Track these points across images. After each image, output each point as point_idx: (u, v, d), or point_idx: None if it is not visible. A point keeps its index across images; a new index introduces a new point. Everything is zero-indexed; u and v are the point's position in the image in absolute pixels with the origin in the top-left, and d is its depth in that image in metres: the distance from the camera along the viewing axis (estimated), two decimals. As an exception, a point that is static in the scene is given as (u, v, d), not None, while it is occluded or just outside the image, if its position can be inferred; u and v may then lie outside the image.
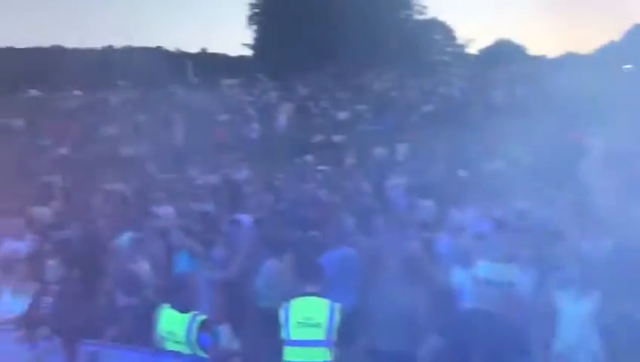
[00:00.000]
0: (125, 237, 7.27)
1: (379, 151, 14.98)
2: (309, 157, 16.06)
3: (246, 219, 8.26)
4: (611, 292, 4.74)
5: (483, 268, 4.54)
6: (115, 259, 6.85)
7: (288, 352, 4.54)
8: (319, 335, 4.42)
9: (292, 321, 4.51)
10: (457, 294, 5.48)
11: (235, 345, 5.46)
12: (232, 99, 25.84)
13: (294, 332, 4.50)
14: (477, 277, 4.56)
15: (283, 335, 4.59)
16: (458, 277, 5.64)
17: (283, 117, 20.34)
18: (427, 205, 9.18)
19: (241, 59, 44.19)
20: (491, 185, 10.42)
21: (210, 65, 40.23)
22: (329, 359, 4.45)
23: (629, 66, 23.76)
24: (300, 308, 4.53)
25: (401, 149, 15.09)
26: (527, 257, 5.82)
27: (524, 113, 17.52)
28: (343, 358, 4.60)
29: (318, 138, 18.19)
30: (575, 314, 4.65)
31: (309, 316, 4.47)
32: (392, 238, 6.82)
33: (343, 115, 20.80)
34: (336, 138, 18.14)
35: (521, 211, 7.85)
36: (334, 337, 4.45)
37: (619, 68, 24.14)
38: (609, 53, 32.24)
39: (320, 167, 14.54)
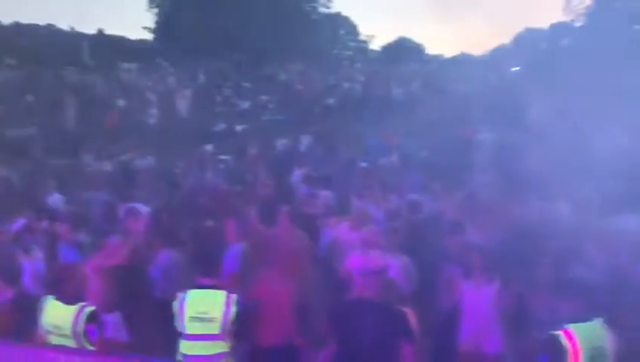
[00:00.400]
0: (13, 226, 6.81)
1: (281, 142, 15.00)
2: (210, 146, 15.80)
3: (143, 208, 7.98)
4: (505, 279, 4.97)
5: (375, 258, 4.61)
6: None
7: (183, 345, 4.43)
8: (214, 329, 4.32)
9: (186, 315, 4.37)
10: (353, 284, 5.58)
11: (124, 335, 5.26)
12: (129, 83, 24.86)
13: (188, 327, 4.37)
14: (367, 267, 4.63)
15: (177, 328, 4.46)
16: (358, 266, 5.73)
17: (184, 104, 19.83)
18: (326, 195, 9.29)
19: (140, 43, 42.50)
20: (387, 178, 10.76)
21: (107, 48, 38.41)
22: (225, 350, 4.38)
23: (517, 68, 25.33)
24: (195, 302, 4.39)
25: (304, 141, 15.19)
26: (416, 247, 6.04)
27: (420, 109, 18.25)
28: (238, 351, 4.53)
29: (221, 127, 17.92)
30: (478, 301, 4.80)
31: (203, 310, 4.33)
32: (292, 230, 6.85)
33: (246, 105, 20.64)
34: (239, 127, 17.95)
35: (415, 203, 8.12)
36: (230, 329, 4.36)
37: (508, 69, 25.64)
38: (500, 56, 34.18)
39: (221, 157, 14.34)
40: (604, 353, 3.51)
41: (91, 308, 4.21)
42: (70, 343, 4.14)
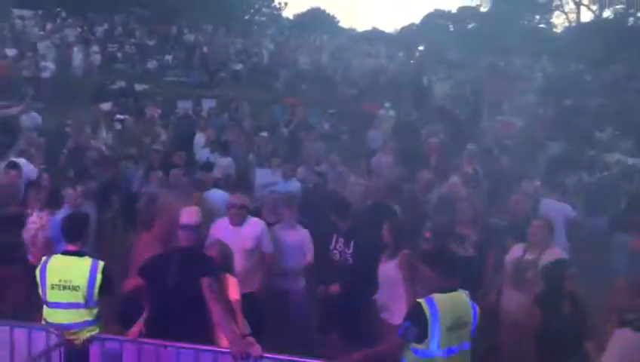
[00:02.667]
0: None
1: (183, 105, 14.59)
2: (107, 105, 15.06)
3: (24, 163, 7.48)
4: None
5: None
6: None
7: (47, 312, 4.19)
8: (78, 298, 4.10)
9: (47, 282, 4.12)
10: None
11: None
12: (23, 32, 23.07)
13: (50, 294, 4.13)
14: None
15: (40, 295, 4.21)
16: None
17: (81, 58, 18.67)
18: (226, 162, 9.17)
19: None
20: (291, 148, 10.79)
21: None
22: (91, 318, 4.17)
23: (422, 48, 26.07)
24: (57, 269, 4.14)
25: (207, 104, 14.86)
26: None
27: (326, 81, 18.41)
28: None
29: (120, 85, 17.08)
30: (386, 273, 4.93)
31: (66, 278, 4.10)
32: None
33: (149, 64, 19.80)
34: (140, 87, 17.21)
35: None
36: (97, 297, 4.15)
37: (415, 48, 26.34)
38: (408, 34, 34.99)
39: (119, 116, 13.75)
40: (465, 323, 3.71)
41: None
42: None
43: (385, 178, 7.76)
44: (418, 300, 3.66)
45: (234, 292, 4.16)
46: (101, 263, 4.18)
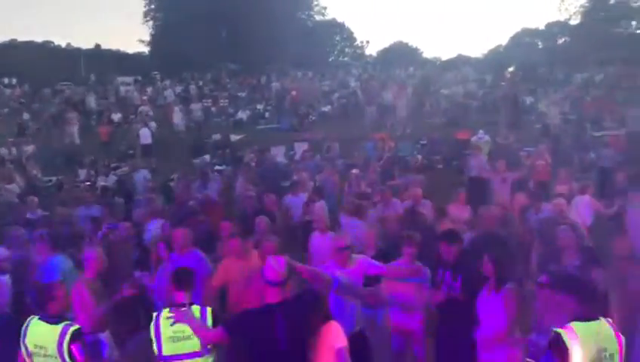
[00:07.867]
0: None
1: (276, 151, 14.94)
2: (206, 157, 15.78)
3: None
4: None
5: None
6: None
7: None
8: (194, 346, 4.06)
9: (163, 336, 4.10)
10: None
11: (115, 353, 5.15)
12: (126, 97, 24.89)
13: (167, 348, 4.09)
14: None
15: (155, 350, 4.16)
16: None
17: (180, 116, 19.79)
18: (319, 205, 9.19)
19: (137, 56, 42.66)
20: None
21: (103, 62, 38.61)
22: None
23: (511, 69, 25.23)
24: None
25: (299, 148, 15.13)
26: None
27: (414, 113, 18.26)
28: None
29: (216, 137, 17.86)
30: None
31: (180, 328, 4.05)
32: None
33: (241, 114, 20.61)
34: (235, 137, 17.91)
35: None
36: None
37: (504, 69, 25.56)
38: (496, 56, 34.17)
39: (217, 167, 14.31)
40: (610, 356, 3.35)
41: (75, 327, 4.12)
42: (55, 362, 4.06)
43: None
44: (558, 330, 3.36)
45: (338, 338, 3.59)
46: (209, 309, 4.14)
